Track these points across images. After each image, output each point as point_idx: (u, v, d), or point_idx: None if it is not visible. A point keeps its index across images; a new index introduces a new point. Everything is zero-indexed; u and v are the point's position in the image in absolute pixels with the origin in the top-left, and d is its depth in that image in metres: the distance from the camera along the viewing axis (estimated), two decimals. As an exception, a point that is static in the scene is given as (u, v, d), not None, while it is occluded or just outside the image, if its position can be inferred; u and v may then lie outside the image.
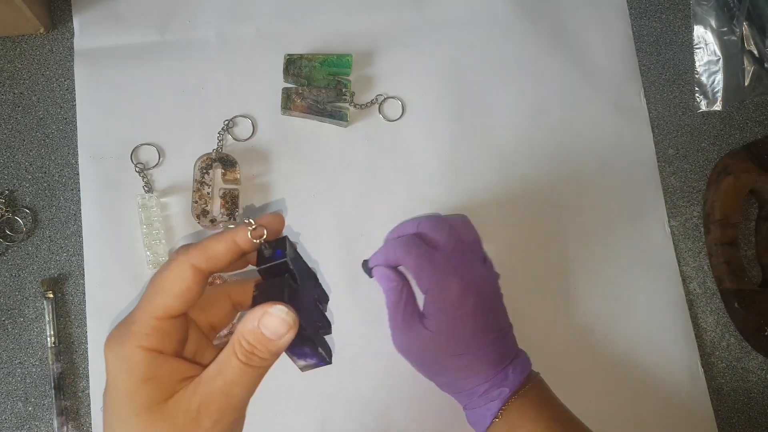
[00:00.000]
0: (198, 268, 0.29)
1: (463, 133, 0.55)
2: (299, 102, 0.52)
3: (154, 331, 0.28)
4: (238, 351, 0.28)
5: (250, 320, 0.28)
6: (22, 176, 0.52)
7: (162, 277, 0.29)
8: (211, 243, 0.30)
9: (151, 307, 0.29)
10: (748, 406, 0.54)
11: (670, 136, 0.57)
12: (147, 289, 0.30)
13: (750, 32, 0.58)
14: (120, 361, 0.28)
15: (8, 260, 0.51)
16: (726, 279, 0.54)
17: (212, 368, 0.29)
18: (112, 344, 0.28)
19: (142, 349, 0.28)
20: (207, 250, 0.30)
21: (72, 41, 0.54)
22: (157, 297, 0.29)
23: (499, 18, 0.57)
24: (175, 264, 0.29)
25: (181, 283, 0.29)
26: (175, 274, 0.29)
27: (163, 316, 0.29)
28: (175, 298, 0.29)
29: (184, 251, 0.30)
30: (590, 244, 0.54)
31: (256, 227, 0.31)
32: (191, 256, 0.29)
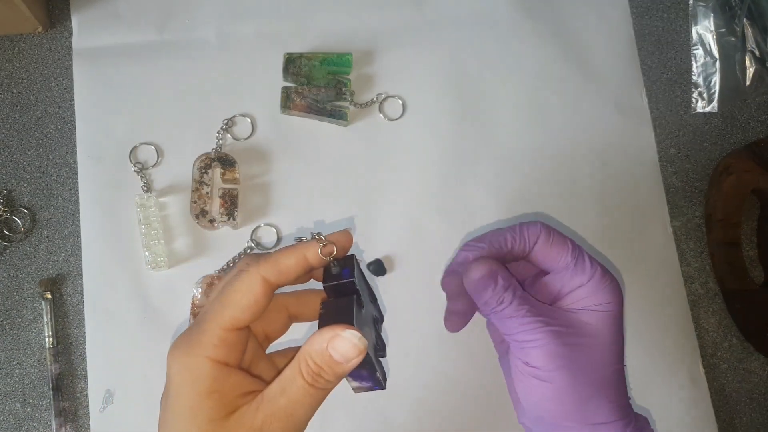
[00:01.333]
0: (268, 281, 0.29)
1: (463, 133, 0.54)
2: (299, 101, 0.52)
3: (221, 342, 0.28)
4: (304, 371, 0.28)
5: (318, 341, 0.28)
6: (21, 176, 0.52)
7: (232, 288, 0.29)
8: (282, 257, 0.30)
9: (220, 318, 0.28)
10: (750, 407, 0.53)
11: (671, 135, 0.57)
12: (215, 300, 0.29)
13: (752, 32, 0.58)
14: (186, 372, 0.28)
15: (6, 260, 0.51)
16: (728, 279, 0.53)
17: (275, 386, 0.28)
18: (177, 353, 0.28)
19: (209, 361, 0.28)
20: (278, 264, 0.30)
21: (70, 40, 0.54)
22: (226, 308, 0.29)
23: (500, 17, 0.57)
24: (246, 275, 0.29)
25: (250, 295, 0.29)
26: (246, 286, 0.29)
27: (230, 328, 0.28)
28: (243, 311, 0.29)
29: (254, 263, 0.30)
30: (591, 244, 0.54)
31: (327, 244, 0.31)
32: (262, 268, 0.29)
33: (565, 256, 0.35)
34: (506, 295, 0.34)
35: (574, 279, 0.35)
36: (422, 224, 0.53)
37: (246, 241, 0.51)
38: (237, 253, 0.51)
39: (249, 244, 0.51)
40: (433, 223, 0.53)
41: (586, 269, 0.35)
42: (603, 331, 0.34)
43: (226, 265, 0.50)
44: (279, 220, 0.52)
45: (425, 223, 0.53)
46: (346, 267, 0.32)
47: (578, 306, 0.34)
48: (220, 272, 0.50)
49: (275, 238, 0.52)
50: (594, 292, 0.34)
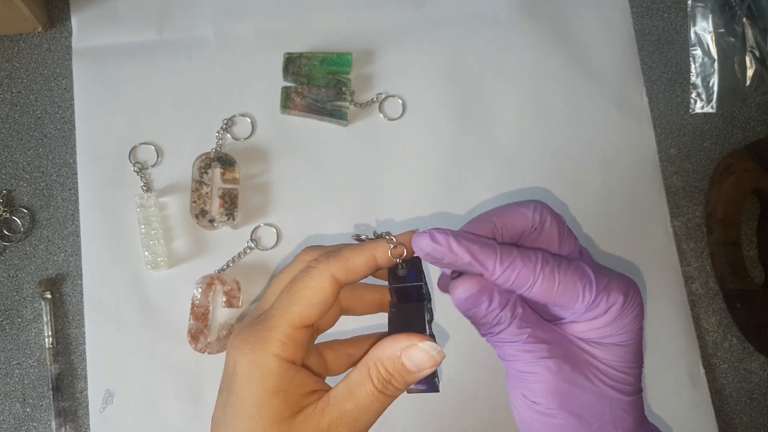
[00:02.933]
0: (337, 280, 0.29)
1: (463, 132, 0.54)
2: (299, 101, 0.52)
3: (289, 340, 0.28)
4: (374, 377, 0.28)
5: (392, 348, 0.28)
6: (20, 176, 0.52)
7: (301, 284, 0.29)
8: (352, 255, 0.30)
9: (289, 315, 0.28)
10: (750, 407, 0.53)
11: (672, 135, 0.57)
12: (283, 295, 0.29)
13: (752, 31, 0.57)
14: (253, 368, 0.27)
15: (6, 260, 0.51)
16: (728, 279, 0.53)
17: (342, 389, 0.28)
18: (244, 347, 0.28)
19: (278, 359, 0.27)
20: (348, 263, 0.29)
21: (70, 40, 0.53)
22: (295, 305, 0.28)
23: (500, 16, 0.56)
24: (317, 273, 0.29)
25: (320, 293, 0.28)
26: (316, 284, 0.28)
27: (299, 326, 0.28)
28: (313, 308, 0.28)
29: (324, 260, 0.29)
30: (591, 244, 0.54)
31: (398, 245, 0.30)
32: (332, 266, 0.29)
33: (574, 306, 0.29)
34: (504, 314, 0.29)
35: (587, 313, 0.29)
36: (422, 224, 0.53)
37: (246, 241, 0.51)
38: (236, 253, 0.51)
39: (249, 244, 0.51)
40: (433, 223, 0.53)
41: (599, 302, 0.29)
42: (617, 363, 0.29)
43: (226, 264, 0.50)
44: (279, 220, 0.52)
45: (425, 222, 0.53)
46: (413, 269, 0.31)
47: (591, 337, 0.29)
48: (220, 272, 0.50)
49: (275, 238, 0.51)
50: (609, 324, 0.29)
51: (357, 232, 0.34)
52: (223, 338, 0.48)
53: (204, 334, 0.48)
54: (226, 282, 0.49)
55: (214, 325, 0.49)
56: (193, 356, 0.48)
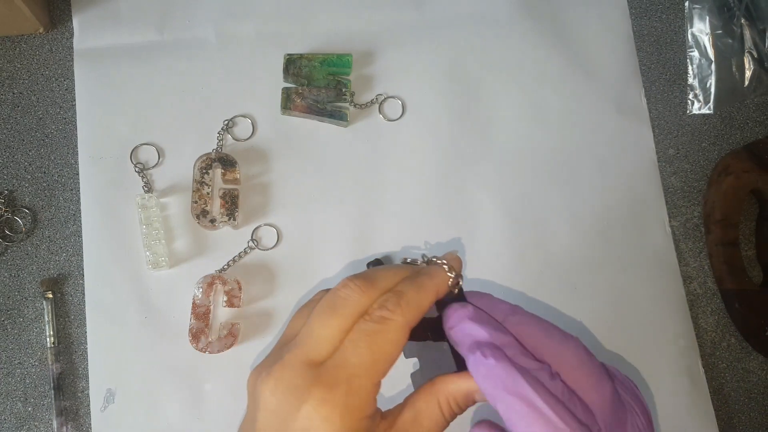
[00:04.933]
0: (411, 328, 0.29)
1: (463, 133, 0.55)
2: (299, 102, 0.52)
3: (373, 398, 0.27)
4: (445, 410, 0.28)
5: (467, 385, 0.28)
6: (22, 176, 0.52)
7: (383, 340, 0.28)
8: (421, 299, 0.29)
9: (375, 373, 0.27)
10: (749, 407, 0.54)
11: (670, 135, 0.57)
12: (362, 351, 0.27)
13: (750, 32, 0.58)
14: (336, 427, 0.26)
15: (8, 260, 0.51)
16: (727, 279, 0.53)
17: (408, 416, 0.28)
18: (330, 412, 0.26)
19: (366, 420, 0.27)
20: (420, 309, 0.29)
21: (71, 41, 0.54)
22: (378, 363, 0.27)
23: (500, 17, 0.57)
24: (395, 326, 0.28)
25: (400, 346, 0.28)
26: (396, 337, 0.28)
27: (379, 381, 0.28)
28: (392, 362, 0.28)
29: (397, 309, 0.28)
30: (590, 245, 0.54)
31: (456, 276, 0.30)
32: (407, 316, 0.28)
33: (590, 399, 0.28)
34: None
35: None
36: (422, 224, 0.53)
37: (246, 241, 0.51)
38: (237, 253, 0.51)
39: (249, 244, 0.51)
40: (433, 223, 0.53)
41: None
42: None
43: (227, 264, 0.51)
44: (279, 220, 0.52)
45: (425, 223, 0.53)
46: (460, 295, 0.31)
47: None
48: (221, 272, 0.50)
49: (276, 238, 0.52)
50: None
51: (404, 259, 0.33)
52: (225, 338, 0.48)
53: (205, 334, 0.48)
54: (227, 282, 0.49)
55: (215, 325, 0.50)
56: (194, 356, 0.49)
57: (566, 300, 0.53)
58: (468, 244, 0.53)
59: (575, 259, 0.54)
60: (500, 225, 0.53)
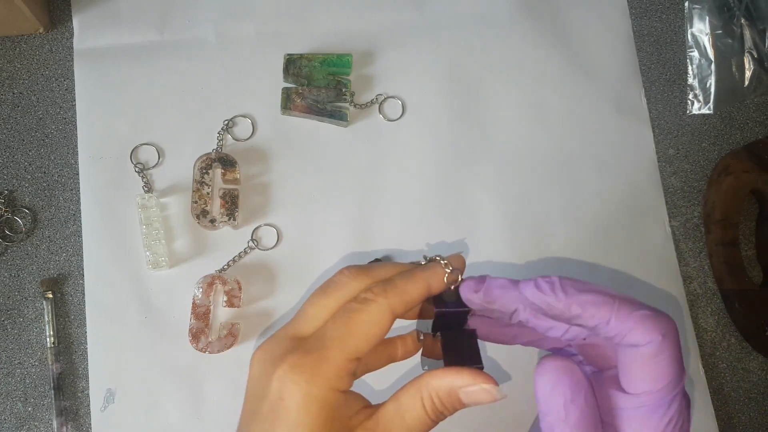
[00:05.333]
0: (394, 313, 0.29)
1: (463, 133, 0.55)
2: (299, 102, 0.52)
3: (345, 372, 0.28)
4: (427, 406, 0.28)
5: (449, 381, 0.28)
6: (22, 176, 0.52)
7: (360, 317, 0.28)
8: (409, 286, 0.29)
9: (347, 348, 0.28)
10: (749, 407, 0.54)
11: (670, 135, 0.57)
12: (339, 326, 0.28)
13: (750, 32, 0.58)
14: (309, 400, 0.27)
15: (8, 260, 0.51)
16: (727, 279, 0.53)
17: (391, 410, 0.28)
18: (298, 378, 0.27)
19: (335, 391, 0.27)
20: (405, 296, 0.29)
21: (71, 41, 0.54)
22: (352, 338, 0.28)
23: (500, 17, 0.57)
24: (376, 307, 0.29)
25: (379, 327, 0.28)
26: (375, 318, 0.28)
27: (354, 358, 0.28)
28: (369, 342, 0.28)
29: (382, 293, 0.29)
30: (590, 245, 0.54)
31: (453, 271, 0.30)
32: (391, 300, 0.29)
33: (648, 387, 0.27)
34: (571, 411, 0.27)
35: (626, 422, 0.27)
36: (422, 224, 0.53)
37: (246, 241, 0.51)
38: (237, 253, 0.51)
39: (249, 244, 0.51)
40: (432, 223, 0.53)
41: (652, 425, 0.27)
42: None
43: (227, 264, 0.51)
44: (279, 220, 0.52)
45: (425, 223, 0.53)
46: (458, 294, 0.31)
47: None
48: (221, 272, 0.50)
49: (276, 238, 0.52)
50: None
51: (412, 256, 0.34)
52: (225, 338, 0.48)
53: (205, 334, 0.48)
54: (227, 282, 0.49)
55: (215, 325, 0.50)
56: (194, 356, 0.49)
57: (566, 300, 0.53)
58: (468, 244, 0.53)
59: (575, 259, 0.54)
60: (500, 225, 0.53)
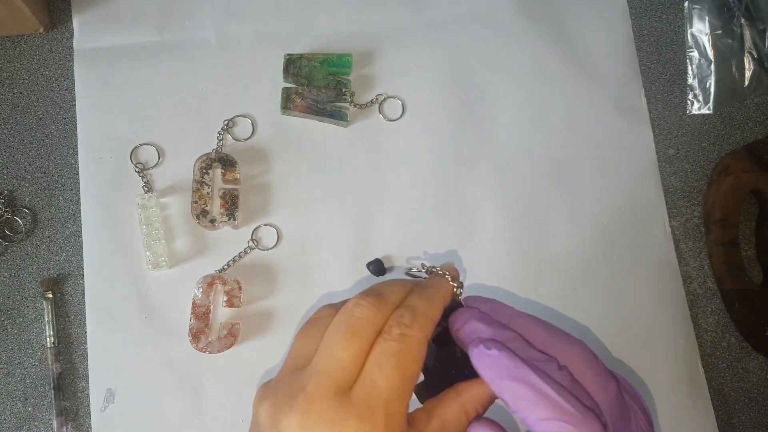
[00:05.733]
0: (428, 342, 0.29)
1: (463, 133, 0.55)
2: (299, 102, 0.52)
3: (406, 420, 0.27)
4: (471, 417, 0.29)
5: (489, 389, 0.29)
6: (22, 176, 0.52)
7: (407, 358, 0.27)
8: (432, 311, 0.29)
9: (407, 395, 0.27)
10: (749, 407, 0.54)
11: (670, 136, 0.57)
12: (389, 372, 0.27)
13: (750, 32, 0.58)
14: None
15: (8, 260, 0.51)
16: (727, 279, 0.53)
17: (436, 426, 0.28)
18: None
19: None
20: (433, 321, 0.29)
21: (71, 41, 0.54)
22: (408, 383, 0.27)
23: (500, 18, 0.57)
24: (417, 342, 0.28)
25: (421, 364, 0.28)
26: (420, 356, 0.28)
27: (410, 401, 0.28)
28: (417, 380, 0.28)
29: (415, 324, 0.28)
30: (590, 245, 0.54)
31: (458, 285, 0.31)
32: (427, 332, 0.29)
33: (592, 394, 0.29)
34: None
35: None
36: (422, 224, 0.53)
37: (246, 241, 0.51)
38: (237, 253, 0.51)
39: (249, 244, 0.51)
40: (432, 223, 0.53)
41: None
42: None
43: (227, 264, 0.51)
44: (279, 220, 0.52)
45: (425, 223, 0.53)
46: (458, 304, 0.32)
47: None
48: (221, 272, 0.50)
49: (276, 238, 0.52)
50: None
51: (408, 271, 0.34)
52: (225, 338, 0.48)
53: (205, 334, 0.48)
54: (227, 282, 0.49)
55: (215, 325, 0.50)
56: (194, 356, 0.49)
57: (566, 300, 0.53)
58: (467, 244, 0.53)
59: (575, 259, 0.54)
60: (500, 225, 0.53)
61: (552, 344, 0.30)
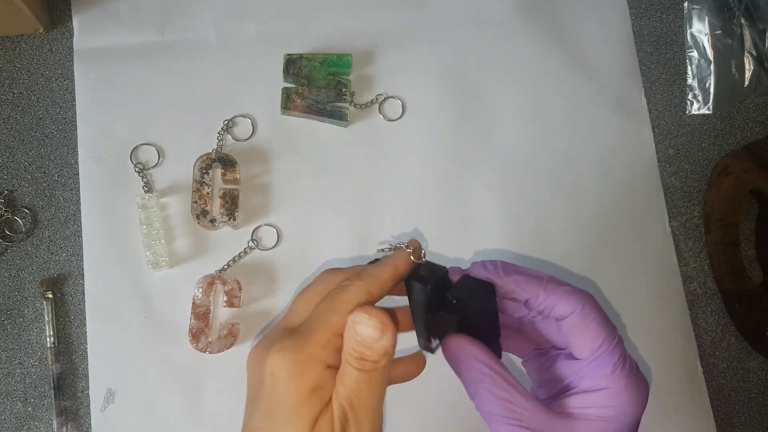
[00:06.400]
0: (371, 293, 0.32)
1: (463, 133, 0.55)
2: (299, 102, 0.52)
3: (328, 344, 0.30)
4: (350, 360, 0.30)
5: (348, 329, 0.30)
6: (22, 176, 0.52)
7: (340, 298, 0.31)
8: (379, 271, 0.33)
9: (328, 322, 0.31)
10: (748, 407, 0.54)
11: (670, 136, 0.57)
12: (321, 308, 0.32)
13: (750, 32, 0.58)
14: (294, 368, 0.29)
15: (8, 260, 0.51)
16: (727, 279, 0.53)
17: (337, 380, 0.30)
18: (287, 353, 0.30)
19: (319, 362, 0.30)
20: (377, 278, 0.33)
21: (71, 41, 0.54)
22: (334, 314, 0.31)
23: (500, 18, 0.57)
24: (354, 288, 0.32)
25: (357, 304, 0.31)
26: (354, 296, 0.31)
27: (337, 333, 0.30)
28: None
29: (357, 278, 0.33)
30: (590, 244, 0.54)
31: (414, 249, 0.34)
32: (366, 282, 0.32)
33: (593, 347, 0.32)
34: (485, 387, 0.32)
35: (588, 379, 0.31)
36: (422, 224, 0.53)
37: (246, 241, 0.51)
38: (237, 253, 0.51)
39: (249, 244, 0.51)
40: (432, 223, 0.53)
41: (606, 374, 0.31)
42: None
43: (227, 264, 0.51)
44: (279, 220, 0.52)
45: (425, 222, 0.53)
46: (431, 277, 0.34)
47: (583, 412, 0.31)
48: (221, 272, 0.50)
49: (276, 238, 0.52)
50: (605, 403, 0.31)
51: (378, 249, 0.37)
52: (225, 338, 0.48)
53: (205, 334, 0.48)
54: (227, 282, 0.49)
55: (215, 325, 0.50)
56: (194, 356, 0.49)
57: (566, 300, 0.53)
58: (467, 244, 0.53)
59: (575, 259, 0.54)
60: (500, 224, 0.53)
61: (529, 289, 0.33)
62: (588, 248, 0.54)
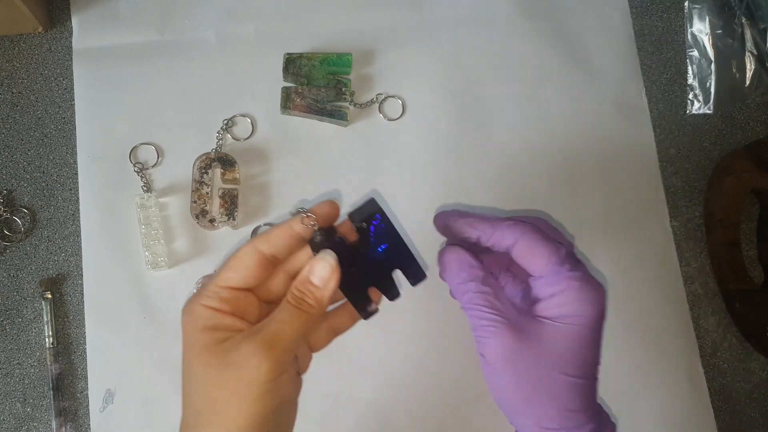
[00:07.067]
0: (260, 251, 0.34)
1: (463, 133, 0.54)
2: (299, 101, 0.52)
3: (215, 294, 0.34)
4: (290, 297, 0.34)
5: (303, 272, 0.34)
6: (21, 176, 0.52)
7: (231, 256, 0.35)
8: (272, 231, 0.35)
9: (217, 278, 0.34)
10: (750, 407, 0.54)
11: (671, 135, 0.57)
12: (221, 267, 0.35)
13: (751, 32, 0.58)
14: (187, 315, 0.33)
15: (6, 260, 0.51)
16: (728, 279, 0.53)
17: (267, 318, 0.34)
18: (186, 306, 0.34)
19: (203, 307, 0.33)
20: (268, 237, 0.35)
21: (70, 40, 0.54)
22: (223, 270, 0.34)
23: (500, 17, 0.57)
24: (243, 246, 0.35)
25: (244, 260, 0.34)
26: (242, 253, 0.34)
27: (224, 286, 0.34)
28: (236, 272, 0.34)
29: (251, 240, 0.36)
30: (591, 244, 0.54)
31: (307, 215, 0.35)
32: (257, 242, 0.35)
33: (542, 264, 0.36)
34: (469, 285, 0.36)
35: (546, 288, 0.35)
36: (421, 224, 0.53)
37: (246, 240, 0.51)
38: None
39: (249, 244, 0.51)
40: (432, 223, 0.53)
41: (560, 280, 0.35)
42: (565, 343, 0.34)
43: (226, 265, 0.51)
44: (279, 220, 0.52)
45: (424, 222, 0.53)
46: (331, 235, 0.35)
47: (547, 315, 0.35)
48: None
49: (275, 238, 0.52)
50: (563, 305, 0.35)
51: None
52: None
53: (204, 334, 0.48)
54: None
55: (214, 325, 0.49)
56: (194, 356, 0.48)
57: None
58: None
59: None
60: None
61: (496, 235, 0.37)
62: (588, 248, 0.54)
